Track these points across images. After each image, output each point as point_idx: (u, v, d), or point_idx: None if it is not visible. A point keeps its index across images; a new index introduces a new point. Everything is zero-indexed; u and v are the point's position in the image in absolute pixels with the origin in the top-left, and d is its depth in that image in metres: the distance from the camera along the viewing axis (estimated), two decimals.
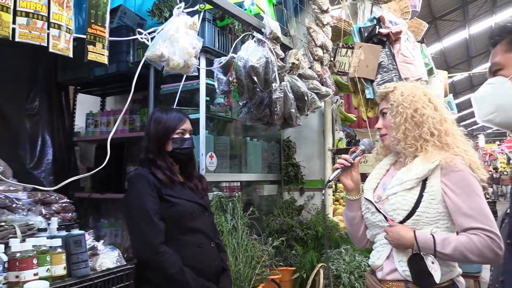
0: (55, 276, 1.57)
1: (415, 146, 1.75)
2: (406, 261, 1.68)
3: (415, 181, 1.71)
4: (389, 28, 3.35)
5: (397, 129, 1.79)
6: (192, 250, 1.99)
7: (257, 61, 2.21)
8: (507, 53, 1.19)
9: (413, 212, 1.69)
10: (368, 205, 1.84)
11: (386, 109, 1.87)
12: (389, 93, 1.86)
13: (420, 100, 1.79)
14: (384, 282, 1.76)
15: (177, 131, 2.07)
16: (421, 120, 1.76)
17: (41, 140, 3.65)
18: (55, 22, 1.33)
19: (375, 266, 1.80)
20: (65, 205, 2.10)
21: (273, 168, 3.72)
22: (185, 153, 2.09)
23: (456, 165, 1.67)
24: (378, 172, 1.92)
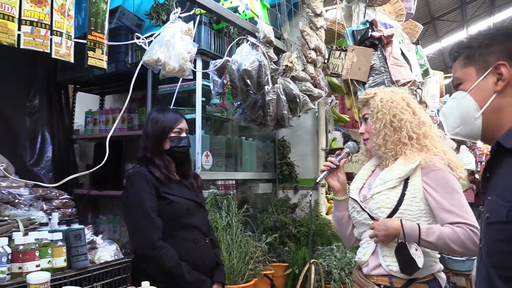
0: (56, 268, 1.66)
1: (395, 150, 1.85)
2: (391, 255, 1.77)
3: (397, 180, 1.81)
4: (381, 31, 3.43)
5: (377, 135, 1.88)
6: (188, 245, 2.08)
7: (250, 65, 2.30)
8: (465, 67, 1.25)
9: (396, 210, 1.79)
10: (354, 204, 1.93)
11: (367, 114, 1.96)
12: (369, 99, 1.95)
13: (398, 106, 1.88)
14: (369, 277, 1.85)
15: (174, 130, 2.16)
16: (400, 125, 1.85)
17: (40, 138, 3.74)
18: (57, 30, 1.42)
19: (361, 262, 1.90)
20: (65, 201, 2.19)
21: (268, 167, 3.81)
22: (182, 151, 2.18)
23: (435, 165, 1.77)
24: (364, 173, 2.02)
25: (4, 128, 3.47)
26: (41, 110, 3.78)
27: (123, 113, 3.72)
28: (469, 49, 1.23)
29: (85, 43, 1.59)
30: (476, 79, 1.21)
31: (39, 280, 1.50)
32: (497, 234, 1.07)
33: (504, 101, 1.16)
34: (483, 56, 1.19)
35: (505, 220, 1.04)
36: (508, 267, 1.05)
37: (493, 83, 1.17)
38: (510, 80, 1.15)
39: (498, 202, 1.07)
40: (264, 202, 3.70)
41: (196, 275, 2.05)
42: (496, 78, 1.16)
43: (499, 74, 1.16)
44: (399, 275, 1.76)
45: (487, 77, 1.18)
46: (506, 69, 1.14)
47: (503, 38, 1.17)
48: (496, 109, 1.17)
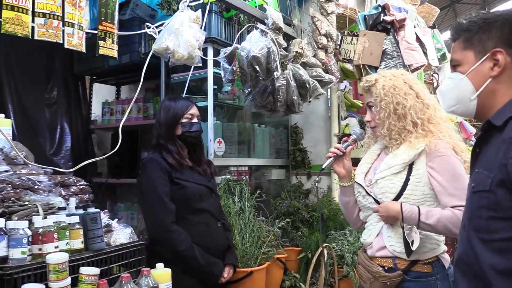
0: (73, 249, 1.73)
1: (400, 139, 1.85)
2: (395, 236, 1.81)
3: (402, 166, 1.83)
4: (393, 15, 3.41)
5: (382, 125, 1.88)
6: (199, 228, 2.16)
7: (259, 51, 2.33)
8: (464, 50, 1.31)
9: (400, 195, 1.81)
10: (359, 189, 1.95)
11: (371, 102, 1.95)
12: (371, 86, 1.94)
13: (401, 91, 1.87)
14: (374, 259, 1.88)
15: (185, 115, 2.23)
16: (404, 113, 1.85)
17: (59, 128, 3.86)
18: (69, 21, 1.49)
19: (366, 243, 1.93)
20: (82, 187, 2.27)
21: (281, 154, 3.84)
22: (194, 136, 2.25)
23: (440, 150, 1.78)
24: (370, 157, 2.03)
25: (25, 119, 3.59)
26: (60, 102, 3.90)
27: (134, 103, 3.77)
28: (469, 33, 1.30)
29: (96, 36, 1.65)
30: (474, 63, 1.28)
31: (57, 260, 1.57)
32: (480, 201, 1.20)
33: (499, 85, 1.25)
34: (482, 41, 1.26)
35: (489, 189, 1.16)
36: (488, 230, 1.18)
37: (490, 68, 1.25)
38: (506, 66, 1.23)
39: (484, 173, 1.19)
40: (278, 188, 3.74)
41: (208, 257, 2.12)
42: (492, 64, 1.24)
43: (496, 60, 1.24)
44: (402, 256, 1.79)
45: (484, 62, 1.26)
46: (503, 56, 1.23)
47: (501, 24, 1.24)
48: (490, 92, 1.26)
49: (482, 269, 1.18)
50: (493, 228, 1.16)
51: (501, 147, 1.15)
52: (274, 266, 2.76)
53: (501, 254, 1.13)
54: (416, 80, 1.99)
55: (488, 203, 1.16)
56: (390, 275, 1.79)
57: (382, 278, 1.80)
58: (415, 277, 1.78)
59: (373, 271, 1.84)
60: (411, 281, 1.78)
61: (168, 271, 1.92)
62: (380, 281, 1.81)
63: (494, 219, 1.16)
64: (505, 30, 1.23)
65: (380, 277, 1.81)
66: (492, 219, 1.16)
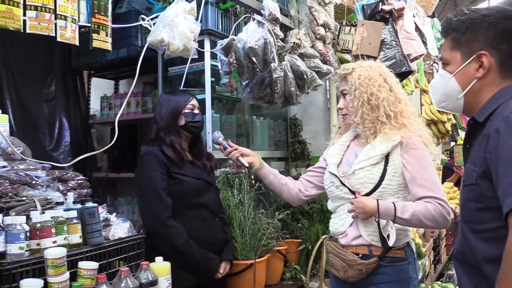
0: (72, 244, 1.73)
1: (373, 128, 1.93)
2: (372, 226, 1.88)
3: (380, 157, 1.90)
4: (392, 4, 3.39)
5: (355, 113, 1.95)
6: (197, 223, 2.15)
7: (255, 43, 2.31)
8: (452, 50, 1.38)
9: (378, 185, 1.89)
10: (333, 179, 2.00)
11: (345, 90, 2.00)
12: (347, 75, 1.97)
13: (376, 83, 1.94)
14: (348, 247, 1.95)
15: (187, 106, 2.22)
16: (377, 104, 1.92)
17: (58, 123, 3.85)
18: (61, 14, 1.47)
19: (338, 232, 2.00)
20: (80, 181, 2.26)
21: (280, 146, 3.82)
22: (197, 126, 2.25)
23: (415, 143, 1.88)
24: (340, 148, 2.09)
25: (24, 115, 3.58)
26: (58, 97, 3.88)
27: (132, 97, 3.80)
28: (456, 33, 1.36)
29: (89, 29, 1.63)
30: (460, 64, 1.35)
31: (55, 255, 1.58)
32: (469, 194, 1.28)
33: (483, 85, 1.33)
34: (468, 43, 1.33)
35: (475, 183, 1.25)
36: (477, 221, 1.26)
37: (475, 69, 1.32)
38: (490, 68, 1.31)
39: (471, 168, 1.28)
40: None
41: (205, 252, 2.12)
42: (478, 65, 1.32)
43: (481, 62, 1.31)
44: (377, 244, 1.87)
45: (471, 63, 1.33)
46: (487, 59, 1.30)
47: (487, 26, 1.30)
48: (476, 91, 1.34)
49: (476, 258, 1.24)
50: (481, 219, 1.24)
51: (483, 143, 1.23)
52: (274, 258, 2.76)
53: (490, 243, 1.21)
54: (391, 74, 2.06)
55: (475, 196, 1.24)
56: (366, 262, 1.88)
57: (358, 266, 1.88)
58: (389, 262, 1.88)
59: (348, 259, 1.91)
60: (386, 266, 1.88)
61: (168, 265, 1.92)
62: (356, 268, 1.89)
63: (481, 210, 1.23)
64: (490, 33, 1.29)
65: (356, 264, 1.89)
66: (479, 211, 1.24)
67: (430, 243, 3.83)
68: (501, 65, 1.30)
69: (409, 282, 1.93)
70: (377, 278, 1.89)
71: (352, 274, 1.91)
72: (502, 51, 1.29)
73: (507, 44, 1.28)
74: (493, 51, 1.29)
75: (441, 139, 5.61)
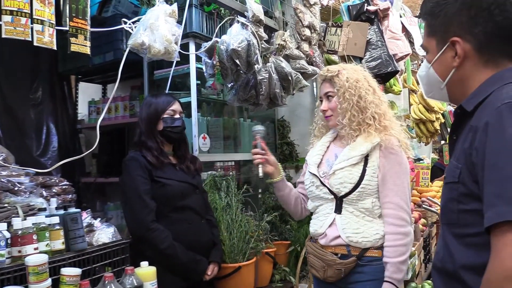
0: (54, 250, 1.72)
1: (359, 130, 1.94)
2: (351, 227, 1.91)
3: (360, 157, 1.92)
4: (377, 5, 3.40)
5: (343, 115, 1.96)
6: (182, 226, 2.15)
7: (238, 45, 2.31)
8: (428, 37, 1.25)
9: (358, 184, 1.91)
10: (313, 179, 2.02)
11: (332, 92, 2.01)
12: (333, 77, 1.98)
13: (363, 86, 1.98)
14: (327, 248, 1.97)
15: (167, 111, 2.22)
16: (365, 106, 1.94)
17: (46, 128, 3.82)
18: (38, 18, 1.46)
19: (318, 234, 2.01)
20: (65, 187, 2.25)
21: (269, 147, 3.79)
22: (176, 131, 2.23)
23: (393, 147, 1.91)
24: (321, 148, 2.11)
25: (10, 121, 3.55)
26: (45, 102, 3.85)
27: (125, 101, 3.79)
28: (431, 17, 1.22)
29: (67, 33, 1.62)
30: (436, 53, 1.22)
31: (36, 262, 1.56)
32: (451, 193, 1.13)
33: (465, 74, 1.18)
34: (442, 27, 1.19)
35: (457, 181, 1.09)
36: (459, 224, 1.10)
37: (452, 57, 1.18)
38: (466, 55, 1.15)
39: (454, 164, 1.13)
40: (266, 182, 3.72)
41: (191, 255, 2.11)
42: (454, 53, 1.17)
43: (456, 50, 1.16)
44: (355, 245, 1.90)
45: (446, 51, 1.19)
46: (460, 46, 1.15)
47: (460, 7, 1.15)
48: (458, 81, 1.20)
49: (455, 266, 1.11)
50: (463, 221, 1.09)
51: (469, 135, 1.08)
52: (263, 261, 2.75)
53: (472, 249, 1.06)
54: (372, 78, 2.08)
55: (458, 196, 1.09)
56: (345, 261, 1.91)
57: (337, 266, 1.91)
58: (367, 261, 1.91)
59: (328, 259, 1.93)
60: (364, 265, 1.91)
61: (153, 270, 1.90)
62: (335, 268, 1.91)
63: (463, 212, 1.08)
64: (463, 15, 1.14)
65: (335, 264, 1.91)
66: (462, 212, 1.09)
67: (420, 242, 3.83)
68: (479, 51, 1.14)
69: None
70: (355, 277, 1.92)
71: (331, 274, 1.93)
72: (478, 34, 1.12)
73: (482, 26, 1.12)
74: (468, 36, 1.14)
75: (430, 138, 5.63)
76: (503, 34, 1.12)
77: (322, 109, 2.07)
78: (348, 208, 1.94)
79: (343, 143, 2.02)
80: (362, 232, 1.91)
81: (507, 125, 0.97)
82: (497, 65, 1.15)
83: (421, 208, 4.44)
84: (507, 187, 0.93)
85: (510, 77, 1.11)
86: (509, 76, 1.11)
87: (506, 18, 1.11)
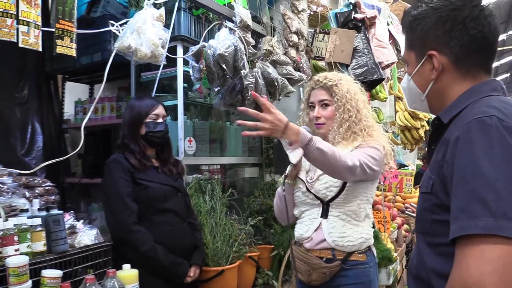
0: (35, 252, 1.71)
1: (350, 138, 1.97)
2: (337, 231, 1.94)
3: None
4: (364, 13, 3.44)
5: (339, 124, 1.99)
6: (164, 228, 2.16)
7: (225, 50, 2.32)
8: (407, 50, 1.28)
9: (343, 188, 1.94)
10: (300, 185, 2.03)
11: (328, 101, 2.01)
12: (333, 85, 2.00)
13: (360, 98, 2.03)
14: (312, 251, 2.00)
15: (149, 115, 2.22)
16: (360, 118, 2.01)
17: (31, 128, 3.78)
18: (23, 19, 1.46)
19: (303, 238, 2.04)
20: (48, 188, 2.24)
21: (255, 152, 3.83)
22: (158, 136, 2.24)
23: (369, 143, 1.95)
24: None
25: None
26: (31, 101, 3.82)
27: (111, 102, 3.77)
28: (410, 31, 1.25)
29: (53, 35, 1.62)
30: (415, 66, 1.24)
31: (17, 263, 1.55)
32: (424, 203, 1.16)
33: (443, 86, 1.20)
34: (420, 40, 1.21)
35: (430, 192, 1.11)
36: (432, 233, 1.13)
37: (430, 70, 1.20)
38: (443, 68, 1.18)
39: (428, 174, 1.15)
40: (252, 186, 3.73)
41: (172, 257, 2.12)
42: (432, 66, 1.19)
43: (433, 63, 1.19)
44: (341, 249, 1.94)
45: (424, 64, 1.22)
46: (437, 59, 1.18)
47: (435, 21, 1.17)
48: (437, 93, 1.22)
49: (428, 273, 1.13)
50: (436, 231, 1.11)
51: (441, 148, 1.10)
52: (246, 265, 2.76)
53: (444, 258, 1.08)
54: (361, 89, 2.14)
55: (431, 206, 1.11)
56: (329, 265, 1.93)
57: (321, 269, 1.94)
58: (352, 265, 1.95)
59: (313, 263, 1.96)
60: (348, 269, 1.94)
61: (135, 272, 1.90)
62: (320, 271, 1.94)
63: (437, 222, 1.10)
64: (439, 29, 1.17)
65: (320, 268, 1.94)
66: (435, 222, 1.11)
67: (402, 247, 3.88)
68: (456, 63, 1.16)
69: (370, 285, 2.00)
70: (339, 281, 1.96)
71: (316, 277, 1.95)
72: (454, 48, 1.15)
73: (458, 39, 1.14)
74: (445, 49, 1.16)
75: (415, 145, 5.70)
76: (478, 47, 1.15)
77: (315, 116, 2.06)
78: (334, 213, 1.97)
79: None
80: (348, 236, 1.94)
81: (475, 140, 1.00)
82: (474, 77, 1.18)
83: (404, 214, 4.50)
84: (471, 202, 0.95)
85: (486, 91, 1.14)
86: (485, 90, 1.15)
87: (480, 31, 1.14)
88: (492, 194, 0.93)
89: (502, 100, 1.08)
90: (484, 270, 0.90)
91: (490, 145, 0.97)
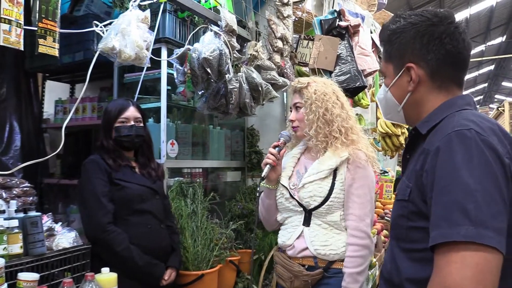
0: (12, 254, 1.67)
1: (326, 142, 1.99)
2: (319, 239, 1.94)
3: (329, 171, 1.95)
4: (348, 21, 3.48)
5: (309, 126, 2.00)
6: (140, 229, 2.15)
7: (210, 53, 2.32)
8: (386, 62, 1.32)
9: (327, 198, 1.94)
10: (283, 191, 2.03)
11: (300, 103, 2.05)
12: (303, 88, 2.03)
13: (331, 99, 2.02)
14: (294, 259, 2.00)
15: (118, 120, 2.22)
16: (331, 119, 1.99)
17: (9, 126, 3.70)
18: (5, 18, 1.43)
19: (286, 245, 2.03)
20: (26, 189, 2.19)
21: (237, 155, 3.83)
22: (126, 140, 2.22)
23: (361, 162, 1.95)
24: (292, 160, 2.14)
25: None
26: (9, 98, 3.73)
27: (93, 102, 3.72)
28: (389, 44, 1.29)
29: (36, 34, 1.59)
30: (393, 77, 1.29)
31: None
32: (400, 210, 1.20)
33: (419, 98, 1.26)
34: (398, 53, 1.27)
35: (407, 199, 1.16)
36: (407, 239, 1.17)
37: (407, 82, 1.26)
38: (421, 80, 1.24)
39: (405, 183, 1.19)
40: (233, 190, 3.73)
41: (147, 258, 2.11)
42: (409, 78, 1.25)
43: (410, 75, 1.24)
44: (323, 257, 1.94)
45: (402, 75, 1.26)
46: (415, 72, 1.23)
47: (414, 35, 1.23)
48: (413, 104, 1.27)
49: (400, 278, 1.17)
50: (411, 237, 1.15)
51: (420, 157, 1.14)
52: (226, 269, 2.75)
53: (417, 264, 1.12)
54: (341, 93, 2.14)
55: (407, 213, 1.15)
56: (311, 273, 1.94)
57: (303, 277, 1.94)
58: (334, 273, 1.94)
59: (295, 270, 1.96)
60: (330, 277, 1.94)
61: (114, 276, 1.87)
62: (302, 279, 1.94)
63: (412, 229, 1.15)
64: (417, 43, 1.22)
65: (302, 275, 1.94)
66: (411, 229, 1.15)
67: (382, 253, 3.92)
68: (432, 76, 1.22)
69: None
70: None
71: (298, 285, 1.95)
72: (430, 61, 1.21)
73: (434, 53, 1.20)
74: (422, 62, 1.22)
75: (396, 152, 5.77)
76: (452, 61, 1.22)
77: (290, 119, 2.12)
78: (316, 221, 1.97)
79: (313, 155, 2.05)
80: (330, 244, 1.94)
81: (456, 151, 1.04)
82: (448, 90, 1.24)
83: (383, 220, 4.55)
84: (452, 210, 0.99)
85: (462, 105, 1.21)
86: (461, 104, 1.21)
87: (455, 46, 1.20)
88: (472, 203, 0.97)
89: (476, 115, 1.14)
90: (466, 275, 0.94)
91: (470, 157, 1.01)
